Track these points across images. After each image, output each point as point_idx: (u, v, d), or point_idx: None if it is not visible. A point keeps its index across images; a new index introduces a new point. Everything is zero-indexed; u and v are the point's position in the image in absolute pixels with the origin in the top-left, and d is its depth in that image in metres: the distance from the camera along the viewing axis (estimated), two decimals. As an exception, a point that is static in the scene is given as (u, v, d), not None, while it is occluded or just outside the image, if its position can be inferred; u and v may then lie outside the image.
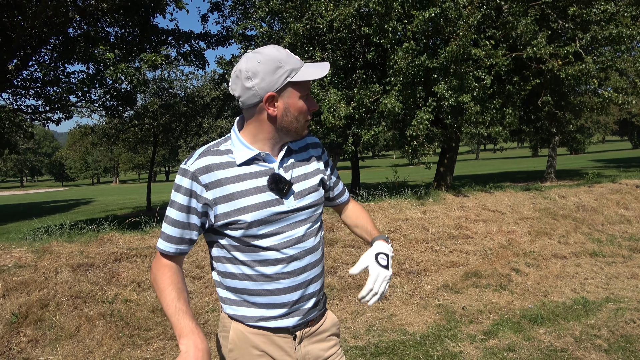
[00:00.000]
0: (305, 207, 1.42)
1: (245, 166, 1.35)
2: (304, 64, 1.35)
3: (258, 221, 1.33)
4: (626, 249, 5.97)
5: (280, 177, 1.36)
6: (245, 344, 1.43)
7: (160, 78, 16.98)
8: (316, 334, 1.52)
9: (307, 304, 1.45)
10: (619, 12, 7.54)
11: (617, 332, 3.68)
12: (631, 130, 56.08)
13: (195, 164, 1.32)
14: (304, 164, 1.48)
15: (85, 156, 64.75)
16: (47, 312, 3.79)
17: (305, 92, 1.37)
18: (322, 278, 1.51)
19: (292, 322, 1.43)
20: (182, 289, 1.34)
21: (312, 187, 1.46)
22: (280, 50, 1.32)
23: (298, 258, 1.40)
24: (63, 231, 5.21)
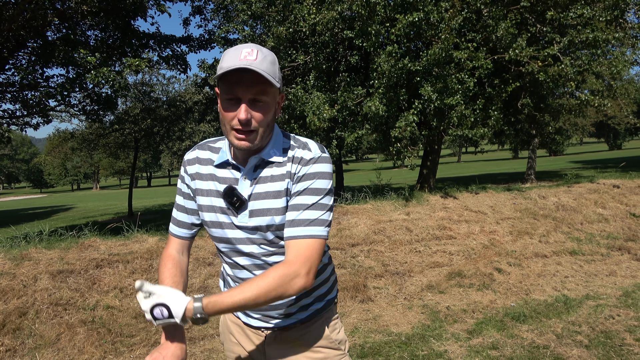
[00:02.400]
0: (259, 227, 1.29)
1: (219, 168, 1.35)
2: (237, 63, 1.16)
3: (211, 222, 1.36)
4: (604, 247, 6.11)
5: (233, 192, 1.29)
6: (226, 329, 1.54)
7: (141, 82, 16.78)
8: (288, 342, 1.42)
9: (270, 313, 1.39)
10: (594, 17, 7.73)
11: (597, 328, 3.75)
12: (607, 132, 57.44)
13: (189, 154, 1.42)
14: (273, 180, 1.29)
15: (64, 162, 63.56)
16: (26, 321, 3.70)
17: (228, 96, 1.20)
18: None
19: (255, 323, 1.44)
20: (178, 281, 1.35)
21: (274, 209, 1.27)
22: (233, 48, 1.22)
23: (250, 270, 1.35)
24: (42, 238, 5.09)
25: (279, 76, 1.25)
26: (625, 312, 4.06)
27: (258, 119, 1.22)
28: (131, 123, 16.38)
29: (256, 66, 1.16)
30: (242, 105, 1.19)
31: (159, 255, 4.80)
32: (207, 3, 12.34)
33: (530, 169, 18.89)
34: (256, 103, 1.21)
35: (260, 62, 1.18)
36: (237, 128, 1.21)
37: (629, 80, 23.27)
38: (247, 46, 1.21)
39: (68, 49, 8.42)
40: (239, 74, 1.17)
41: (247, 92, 1.19)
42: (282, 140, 1.34)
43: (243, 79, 1.18)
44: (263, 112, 1.22)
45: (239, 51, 1.19)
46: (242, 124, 1.20)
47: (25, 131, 10.73)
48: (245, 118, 1.19)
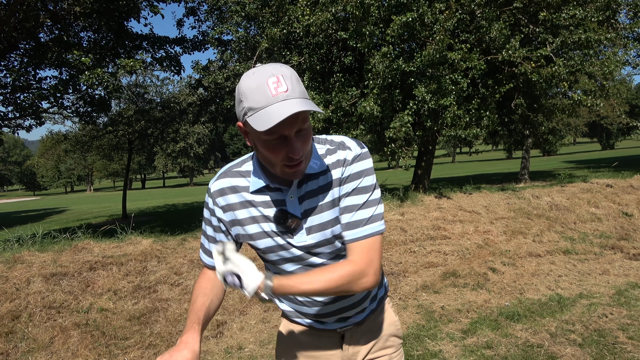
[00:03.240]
0: (319, 243, 1.26)
1: (257, 194, 1.26)
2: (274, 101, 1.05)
3: (269, 249, 1.28)
4: (597, 246, 6.15)
5: (286, 215, 1.23)
6: (291, 340, 1.45)
7: (135, 84, 16.72)
8: (366, 333, 1.45)
9: (346, 314, 1.38)
10: (586, 18, 7.78)
11: (590, 327, 3.78)
12: (600, 132, 57.90)
13: (215, 185, 1.31)
14: (321, 192, 1.24)
15: (57, 164, 63.02)
16: (19, 324, 3.68)
17: (272, 137, 1.09)
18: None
19: (332, 326, 1.40)
20: (205, 293, 1.31)
21: (328, 221, 1.24)
22: (252, 80, 1.08)
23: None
24: (35, 240, 5.06)
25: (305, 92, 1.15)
26: (618, 311, 4.09)
27: (306, 147, 1.15)
28: (125, 125, 16.29)
29: (294, 97, 1.06)
30: (291, 142, 1.10)
31: (153, 257, 4.78)
32: (201, 4, 12.32)
33: (524, 169, 19.00)
34: (301, 133, 1.12)
35: (293, 90, 1.07)
36: (289, 163, 1.13)
37: (621, 80, 23.46)
38: (268, 75, 1.07)
39: (61, 50, 8.38)
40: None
41: (292, 127, 1.09)
42: (316, 148, 1.27)
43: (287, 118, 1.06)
44: (308, 138, 1.15)
45: (265, 85, 1.06)
46: (295, 159, 1.12)
47: (17, 133, 10.66)
48: (299, 155, 1.11)
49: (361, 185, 1.23)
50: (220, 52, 11.10)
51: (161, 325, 4.01)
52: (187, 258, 4.88)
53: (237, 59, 10.22)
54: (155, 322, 4.04)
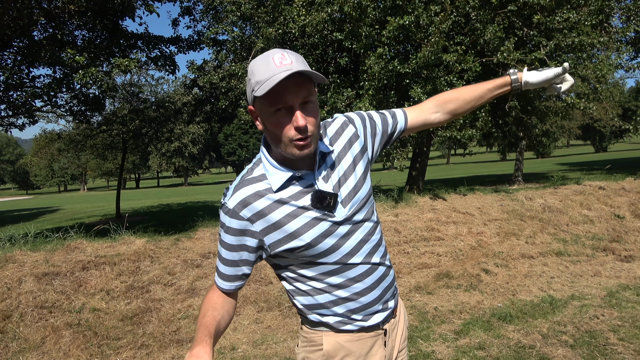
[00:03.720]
0: (357, 210, 1.31)
1: (283, 190, 1.25)
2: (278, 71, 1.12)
3: (315, 240, 1.25)
4: (589, 248, 6.19)
5: (323, 194, 1.24)
6: (342, 352, 1.36)
7: (129, 83, 16.64)
8: (398, 325, 1.50)
9: (387, 296, 1.41)
10: (580, 21, 7.84)
11: (582, 328, 3.80)
12: (593, 134, 58.32)
13: (232, 200, 1.25)
14: (341, 162, 1.33)
15: (51, 163, 62.70)
16: (10, 324, 3.65)
17: (277, 106, 1.14)
18: (391, 267, 1.45)
19: (378, 318, 1.40)
20: (215, 308, 1.28)
21: (357, 185, 1.33)
22: (260, 59, 1.17)
23: (366, 262, 1.33)
24: (27, 240, 5.03)
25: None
26: (609, 312, 4.12)
27: (312, 122, 1.17)
28: (119, 124, 16.21)
29: (297, 68, 1.11)
30: (297, 112, 1.14)
31: (146, 257, 4.76)
32: (197, 4, 12.29)
33: (517, 171, 19.11)
34: (306, 106, 1.16)
35: (297, 64, 1.13)
36: (297, 137, 1.16)
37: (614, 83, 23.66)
38: (275, 52, 1.15)
39: (55, 48, 8.33)
40: (283, 82, 1.11)
41: (296, 97, 1.14)
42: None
43: (288, 85, 1.12)
44: (315, 114, 1.18)
45: (271, 59, 1.14)
46: (301, 130, 1.14)
47: (10, 132, 10.59)
48: (304, 124, 1.14)
49: (368, 115, 1.44)
50: (215, 52, 11.07)
51: (154, 326, 4.00)
52: (180, 258, 4.87)
53: (232, 59, 10.20)
54: (148, 322, 4.03)
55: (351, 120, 1.41)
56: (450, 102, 1.53)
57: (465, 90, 1.55)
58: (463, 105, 1.54)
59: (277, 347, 3.78)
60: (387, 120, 1.47)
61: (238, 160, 60.73)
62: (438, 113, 1.54)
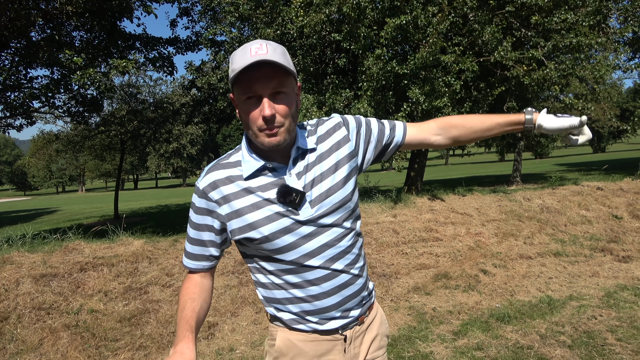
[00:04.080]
0: (326, 213, 1.27)
1: (252, 179, 1.26)
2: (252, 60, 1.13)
3: (272, 234, 1.25)
4: (587, 248, 6.20)
5: (289, 189, 1.23)
6: (293, 351, 1.36)
7: (127, 84, 16.63)
8: (367, 332, 1.43)
9: (349, 304, 1.35)
10: (578, 22, 7.86)
11: (579, 329, 3.81)
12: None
13: (204, 181, 1.28)
14: (322, 162, 1.30)
15: (49, 164, 62.50)
16: (7, 325, 3.64)
17: (247, 95, 1.17)
18: (362, 276, 1.38)
19: (338, 323, 1.35)
20: (194, 298, 1.29)
21: (332, 187, 1.28)
22: (240, 48, 1.19)
23: (325, 267, 1.29)
24: (25, 241, 5.02)
25: (292, 65, 1.21)
26: (607, 313, 4.12)
27: (282, 112, 1.18)
28: (117, 125, 16.19)
29: (270, 58, 1.13)
30: (264, 101, 1.15)
31: (144, 258, 4.76)
32: (195, 5, 12.29)
33: (516, 172, 19.15)
34: (277, 96, 1.17)
35: (272, 54, 1.14)
36: (264, 127, 1.17)
37: (612, 84, 23.71)
38: (254, 42, 1.17)
39: (53, 49, 8.32)
40: (254, 71, 1.13)
41: (266, 86, 1.15)
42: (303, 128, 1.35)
43: (259, 75, 1.14)
44: (286, 104, 1.18)
45: (248, 49, 1.15)
46: (268, 120, 1.15)
47: (8, 132, 10.57)
48: (270, 113, 1.15)
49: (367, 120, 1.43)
50: (213, 53, 11.07)
51: (152, 327, 3.99)
52: (178, 259, 4.86)
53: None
54: (146, 323, 4.02)
55: (345, 123, 1.39)
56: (455, 128, 1.47)
57: (474, 118, 1.48)
58: (468, 134, 1.47)
59: (275, 348, 3.77)
60: (384, 130, 1.44)
61: (236, 161, 60.57)
62: (440, 136, 1.48)
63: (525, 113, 1.47)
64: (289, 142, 1.23)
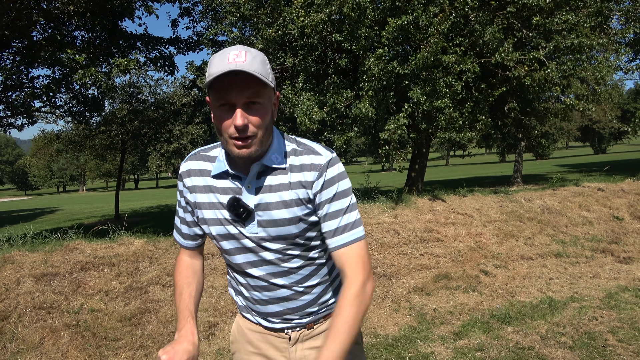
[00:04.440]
0: (270, 239, 1.26)
1: (218, 179, 1.28)
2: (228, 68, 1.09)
3: (219, 236, 1.31)
4: (588, 249, 6.19)
5: (238, 203, 1.23)
6: (242, 338, 1.46)
7: (129, 84, 16.63)
8: (316, 338, 1.39)
9: (291, 316, 1.36)
10: (579, 23, 7.85)
11: (580, 330, 3.80)
12: (592, 136, 58.39)
13: (183, 166, 1.35)
14: (281, 189, 1.24)
15: (50, 164, 62.66)
16: (8, 325, 3.64)
17: (221, 102, 1.13)
18: (309, 293, 1.34)
19: (278, 325, 1.38)
20: (189, 282, 1.39)
21: (280, 220, 1.24)
22: (219, 52, 1.15)
23: (265, 280, 1.31)
24: (26, 240, 5.02)
25: (271, 76, 1.17)
26: (608, 314, 4.12)
27: (255, 123, 1.14)
28: (118, 125, 16.20)
29: (246, 67, 1.09)
30: (237, 110, 1.11)
31: (145, 258, 4.76)
32: (196, 5, 12.29)
33: (516, 172, 19.13)
34: (251, 106, 1.13)
35: (250, 63, 1.10)
36: (235, 136, 1.14)
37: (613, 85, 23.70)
38: (234, 48, 1.14)
39: (54, 49, 8.32)
40: (229, 78, 1.10)
41: (240, 95, 1.11)
42: (283, 144, 1.27)
43: (234, 83, 1.10)
44: (260, 115, 1.14)
45: (226, 54, 1.12)
46: (240, 130, 1.12)
47: (9, 132, 10.57)
48: (242, 124, 1.11)
49: (340, 190, 1.25)
50: (214, 53, 11.08)
51: (152, 327, 3.99)
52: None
53: (231, 59, 10.20)
54: (147, 323, 4.02)
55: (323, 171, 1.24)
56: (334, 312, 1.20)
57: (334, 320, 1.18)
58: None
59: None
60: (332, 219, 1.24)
61: (237, 161, 60.65)
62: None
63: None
64: (258, 153, 1.19)
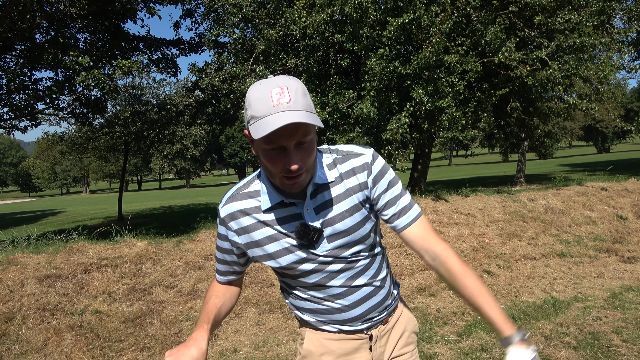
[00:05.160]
0: (342, 248, 1.29)
1: (270, 212, 1.27)
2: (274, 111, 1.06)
3: (290, 265, 1.29)
4: (592, 249, 6.17)
5: (307, 229, 1.24)
6: (320, 349, 1.41)
7: (131, 85, 16.67)
8: (392, 331, 1.47)
9: (372, 313, 1.39)
10: (582, 22, 7.83)
11: (585, 330, 3.79)
12: (595, 135, 58.17)
13: (224, 210, 1.32)
14: (340, 199, 1.27)
15: (53, 166, 62.87)
16: (12, 326, 3.65)
17: (271, 147, 1.11)
18: (384, 287, 1.40)
19: (359, 326, 1.40)
20: (218, 295, 1.41)
21: (351, 227, 1.28)
22: (257, 90, 1.11)
23: (345, 285, 1.33)
24: (30, 242, 5.04)
25: (312, 106, 1.15)
26: (612, 314, 4.10)
27: (306, 160, 1.14)
28: (121, 126, 16.22)
29: (295, 109, 1.07)
30: (290, 153, 1.10)
31: (148, 259, 4.77)
32: (198, 6, 12.32)
33: (519, 172, 19.07)
34: (301, 146, 1.12)
35: (295, 102, 1.08)
36: (287, 175, 1.14)
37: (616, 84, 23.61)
38: (273, 86, 1.09)
39: (57, 51, 8.35)
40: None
41: (291, 139, 1.09)
42: (321, 157, 1.29)
43: (284, 128, 1.07)
44: (309, 152, 1.14)
45: (268, 95, 1.08)
46: (293, 172, 1.13)
47: (13, 134, 10.61)
48: (296, 167, 1.11)
49: (391, 179, 1.33)
50: (216, 54, 11.09)
51: (156, 328, 3.99)
52: (182, 260, 4.87)
53: (233, 61, 10.21)
54: (150, 324, 4.03)
55: (370, 167, 1.30)
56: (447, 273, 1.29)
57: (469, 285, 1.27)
58: (452, 287, 1.31)
59: (278, 349, 3.78)
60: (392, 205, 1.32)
61: (240, 162, 60.80)
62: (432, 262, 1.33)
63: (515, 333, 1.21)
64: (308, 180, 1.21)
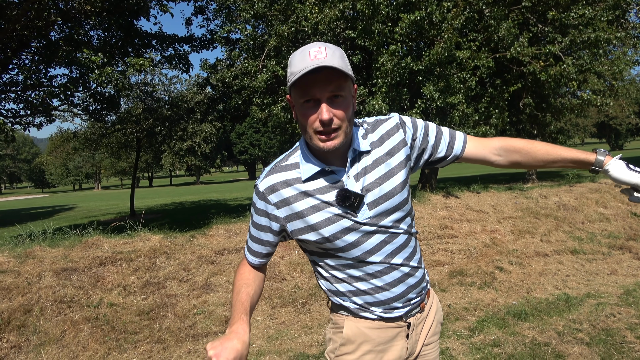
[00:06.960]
0: (383, 215, 1.30)
1: (311, 181, 1.29)
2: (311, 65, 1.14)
3: (333, 235, 1.29)
4: (605, 246, 6.12)
5: (348, 193, 1.25)
6: (360, 338, 1.40)
7: (143, 82, 16.80)
8: (426, 319, 1.48)
9: (411, 294, 1.40)
10: (596, 17, 7.73)
11: (598, 326, 3.77)
12: (609, 132, 57.35)
13: (263, 183, 1.33)
14: (379, 164, 1.31)
15: (66, 162, 63.67)
16: (31, 318, 3.73)
17: (305, 98, 1.18)
18: (420, 267, 1.44)
19: (402, 311, 1.40)
20: (249, 283, 1.39)
21: (390, 191, 1.30)
22: (299, 51, 1.20)
23: (386, 262, 1.34)
24: (46, 236, 5.13)
25: (350, 68, 1.21)
26: (626, 310, 4.07)
27: (340, 116, 1.18)
28: (133, 123, 16.37)
29: (328, 62, 1.13)
30: (322, 105, 1.16)
31: (162, 254, 4.83)
32: (210, 3, 12.36)
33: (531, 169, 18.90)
34: (335, 100, 1.18)
35: (331, 58, 1.14)
36: (321, 130, 1.18)
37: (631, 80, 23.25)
38: (313, 45, 1.18)
39: (71, 49, 8.45)
40: (313, 75, 1.14)
41: (324, 90, 1.16)
42: (357, 130, 1.34)
43: (318, 79, 1.15)
44: (343, 108, 1.19)
45: (307, 52, 1.16)
46: (325, 124, 1.17)
47: (29, 130, 10.78)
48: (328, 117, 1.15)
49: (424, 125, 1.40)
50: (228, 51, 11.14)
51: (170, 321, 4.05)
52: (195, 254, 4.93)
53: (245, 57, 10.26)
54: (164, 317, 4.09)
55: (403, 125, 1.36)
56: (518, 153, 1.40)
57: (540, 147, 1.39)
58: (530, 161, 1.40)
59: (291, 342, 3.81)
60: (440, 140, 1.41)
61: (250, 159, 60.96)
62: (501, 157, 1.42)
63: (598, 154, 1.36)
64: (345, 144, 1.24)
